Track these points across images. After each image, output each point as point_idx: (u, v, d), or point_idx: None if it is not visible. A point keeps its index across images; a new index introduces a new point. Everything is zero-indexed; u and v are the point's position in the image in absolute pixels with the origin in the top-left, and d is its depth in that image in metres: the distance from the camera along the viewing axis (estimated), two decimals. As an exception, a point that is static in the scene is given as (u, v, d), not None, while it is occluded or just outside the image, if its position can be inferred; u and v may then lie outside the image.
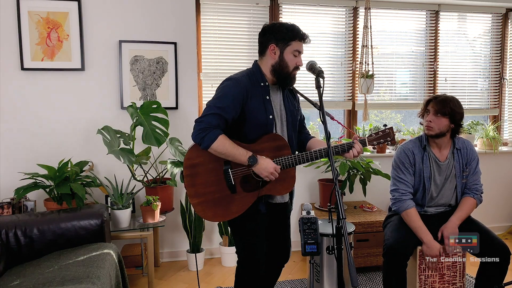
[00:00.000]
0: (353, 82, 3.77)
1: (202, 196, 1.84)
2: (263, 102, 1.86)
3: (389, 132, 1.93)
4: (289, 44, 1.84)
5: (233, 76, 1.87)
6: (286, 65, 1.85)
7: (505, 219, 4.12)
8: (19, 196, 2.62)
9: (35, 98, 3.08)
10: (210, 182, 1.84)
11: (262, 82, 1.88)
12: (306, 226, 1.62)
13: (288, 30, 1.84)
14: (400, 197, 2.32)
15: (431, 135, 2.30)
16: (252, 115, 1.83)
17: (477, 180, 2.37)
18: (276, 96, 1.93)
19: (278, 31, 1.85)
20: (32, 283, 1.87)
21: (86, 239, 2.38)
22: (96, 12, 3.13)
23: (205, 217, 1.87)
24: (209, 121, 1.75)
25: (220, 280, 3.05)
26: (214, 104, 1.78)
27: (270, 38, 1.86)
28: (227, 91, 1.80)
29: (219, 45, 3.49)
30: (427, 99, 2.36)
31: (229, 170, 1.83)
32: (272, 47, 1.86)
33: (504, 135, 4.21)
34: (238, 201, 1.85)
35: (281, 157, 1.84)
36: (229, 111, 1.78)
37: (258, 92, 1.86)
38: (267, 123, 1.86)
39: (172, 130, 3.18)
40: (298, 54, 1.86)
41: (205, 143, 1.74)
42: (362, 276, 3.07)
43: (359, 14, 3.73)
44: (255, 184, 1.85)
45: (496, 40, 4.07)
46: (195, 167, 1.83)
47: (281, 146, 1.86)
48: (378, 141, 1.93)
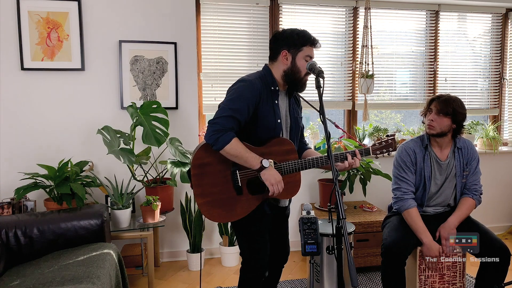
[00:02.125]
0: (353, 82, 3.77)
1: (208, 196, 1.85)
2: (273, 106, 1.87)
3: (391, 143, 2.00)
4: (301, 50, 1.85)
5: (246, 78, 1.87)
6: (298, 70, 1.86)
7: (505, 219, 4.12)
8: (19, 196, 2.62)
9: (35, 98, 3.08)
10: (217, 183, 1.85)
11: (273, 87, 1.89)
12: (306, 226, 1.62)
13: (299, 36, 1.86)
14: (402, 196, 2.32)
15: (432, 134, 2.30)
16: (263, 118, 1.84)
17: (477, 180, 2.36)
18: (283, 102, 1.95)
19: (289, 37, 1.86)
20: (32, 283, 1.87)
21: (86, 239, 2.38)
22: (96, 12, 3.13)
23: (209, 217, 1.87)
24: (223, 123, 1.75)
25: (220, 280, 3.05)
26: (228, 106, 1.78)
27: (282, 44, 1.87)
28: (241, 93, 1.80)
29: (219, 45, 3.49)
30: (430, 98, 2.35)
31: (237, 171, 1.84)
32: (284, 53, 1.87)
33: (504, 135, 4.21)
34: (243, 203, 1.86)
35: (288, 161, 1.87)
36: (243, 113, 1.78)
37: (269, 96, 1.88)
38: (275, 127, 1.87)
39: (172, 130, 3.18)
40: (309, 59, 1.87)
41: (218, 145, 1.75)
42: (362, 276, 3.07)
43: (359, 14, 3.73)
44: (261, 187, 1.86)
45: (496, 40, 4.07)
46: (203, 167, 1.84)
47: (289, 150, 1.89)
48: (381, 150, 2.00)
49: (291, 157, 1.89)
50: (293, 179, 1.92)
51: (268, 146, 1.86)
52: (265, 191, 1.86)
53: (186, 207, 3.19)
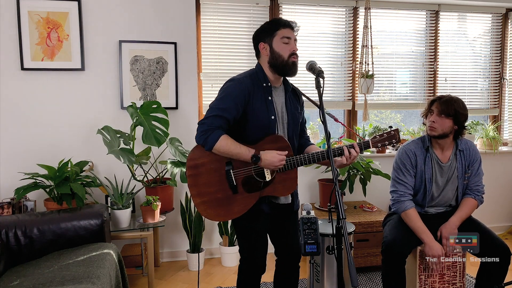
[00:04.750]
0: (353, 82, 3.77)
1: (204, 196, 1.85)
2: (265, 103, 1.87)
3: (394, 134, 1.90)
4: (274, 35, 1.86)
5: (235, 77, 1.89)
6: (279, 54, 1.85)
7: (505, 219, 4.12)
8: (19, 196, 2.62)
9: (35, 98, 3.08)
10: (213, 182, 1.85)
11: (265, 83, 1.90)
12: (306, 226, 1.62)
13: (269, 24, 1.90)
14: (399, 198, 2.31)
15: (434, 136, 2.28)
16: (254, 116, 1.84)
17: (479, 181, 2.35)
18: (279, 98, 1.94)
19: (261, 29, 1.92)
20: (32, 283, 1.87)
21: (86, 239, 2.38)
22: (96, 12, 3.13)
23: (207, 216, 1.88)
24: (210, 122, 1.79)
25: (220, 280, 3.05)
26: (216, 106, 1.81)
27: (258, 39, 1.92)
28: (229, 92, 1.82)
29: (219, 45, 3.49)
30: (431, 99, 2.33)
31: (231, 171, 1.84)
32: (262, 45, 1.89)
33: (504, 135, 4.21)
34: (239, 201, 1.86)
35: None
36: (231, 111, 1.80)
37: (260, 92, 1.87)
38: (269, 124, 1.86)
39: (172, 130, 3.18)
40: (289, 40, 1.86)
41: (208, 144, 1.78)
42: (362, 276, 3.07)
43: (359, 14, 3.73)
44: (257, 185, 1.86)
45: (496, 40, 4.07)
46: (198, 168, 1.85)
47: (283, 147, 1.86)
48: (382, 143, 1.89)
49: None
50: (289, 176, 1.89)
51: (261, 144, 1.84)
52: (261, 187, 1.85)
53: (186, 207, 3.19)
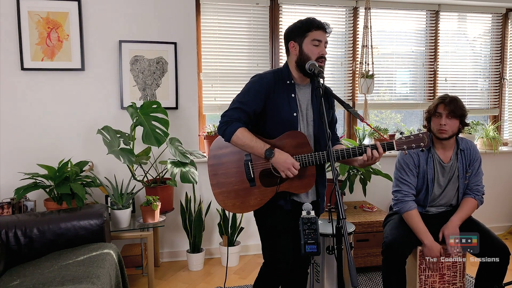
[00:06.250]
0: (353, 82, 3.77)
1: (223, 186, 1.89)
2: (288, 100, 1.88)
3: (423, 137, 1.78)
4: (306, 36, 1.85)
5: (259, 73, 1.94)
6: (307, 56, 1.84)
7: (505, 219, 4.12)
8: (19, 196, 2.62)
9: (35, 98, 3.08)
10: (232, 173, 1.88)
11: (288, 80, 1.90)
12: (306, 226, 1.61)
13: (302, 23, 1.87)
14: (403, 198, 2.32)
15: (445, 138, 2.28)
16: (275, 111, 1.86)
17: (479, 181, 2.36)
18: (304, 95, 1.93)
19: (294, 28, 1.89)
20: (32, 283, 1.87)
21: (86, 239, 2.38)
22: (96, 12, 3.13)
23: (225, 207, 1.91)
24: (231, 114, 1.84)
25: (220, 280, 3.05)
26: (237, 99, 1.88)
27: (289, 37, 1.91)
28: (250, 86, 1.88)
29: (219, 45, 3.49)
30: (436, 103, 2.29)
31: (250, 163, 1.86)
32: (292, 44, 1.89)
33: (504, 135, 4.21)
34: (256, 194, 1.86)
35: (301, 154, 1.81)
36: (250, 104, 1.84)
37: (283, 89, 1.89)
38: (291, 121, 1.87)
39: (172, 130, 3.18)
40: (319, 43, 1.85)
41: (226, 136, 1.83)
42: (362, 276, 3.07)
43: (359, 14, 3.73)
44: (274, 179, 1.85)
45: (496, 40, 4.07)
46: (218, 158, 1.91)
47: (301, 143, 1.84)
48: (408, 145, 1.78)
49: (304, 150, 1.83)
50: (307, 173, 1.85)
51: (280, 139, 1.85)
52: (278, 182, 1.84)
53: (186, 207, 3.19)
